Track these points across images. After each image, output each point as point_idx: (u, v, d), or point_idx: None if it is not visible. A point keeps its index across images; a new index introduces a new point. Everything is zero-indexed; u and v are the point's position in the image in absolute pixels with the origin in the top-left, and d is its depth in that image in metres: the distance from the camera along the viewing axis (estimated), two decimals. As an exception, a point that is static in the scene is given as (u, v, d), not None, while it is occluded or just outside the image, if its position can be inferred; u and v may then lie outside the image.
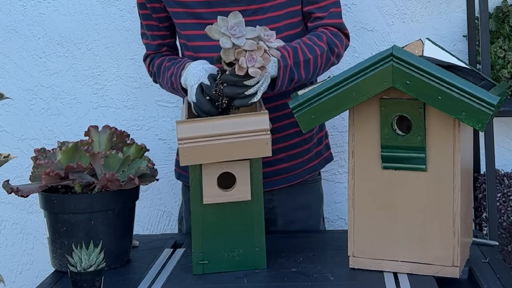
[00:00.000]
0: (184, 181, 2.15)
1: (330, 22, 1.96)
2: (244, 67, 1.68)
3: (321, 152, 2.13)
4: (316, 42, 1.91)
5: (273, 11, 1.92)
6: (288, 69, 1.84)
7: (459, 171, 1.64)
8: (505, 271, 1.74)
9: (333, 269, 1.76)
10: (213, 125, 1.69)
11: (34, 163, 1.80)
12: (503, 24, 2.42)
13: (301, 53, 1.87)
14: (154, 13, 2.01)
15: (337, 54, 1.96)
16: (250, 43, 1.67)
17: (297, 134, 2.02)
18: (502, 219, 2.27)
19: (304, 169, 2.07)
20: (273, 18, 1.92)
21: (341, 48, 1.96)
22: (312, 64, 1.89)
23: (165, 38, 2.06)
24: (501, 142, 2.49)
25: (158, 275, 1.78)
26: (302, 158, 2.06)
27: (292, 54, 1.85)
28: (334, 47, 1.94)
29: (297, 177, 2.07)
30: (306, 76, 1.89)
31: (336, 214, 2.56)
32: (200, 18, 1.93)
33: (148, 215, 2.61)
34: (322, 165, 2.14)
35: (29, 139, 2.59)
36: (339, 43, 1.95)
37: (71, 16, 2.55)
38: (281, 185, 2.04)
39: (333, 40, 1.94)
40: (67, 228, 1.77)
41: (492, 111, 1.53)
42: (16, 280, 2.65)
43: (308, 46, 1.89)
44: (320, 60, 1.90)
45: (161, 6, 1.99)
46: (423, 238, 1.68)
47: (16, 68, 2.58)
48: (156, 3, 1.99)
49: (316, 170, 2.12)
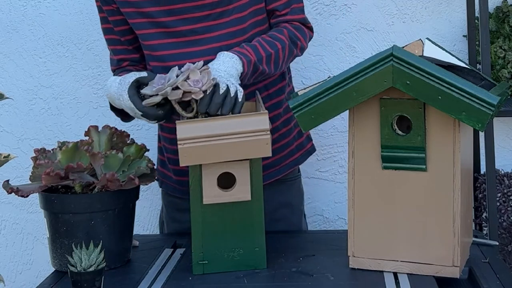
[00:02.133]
0: (166, 189, 2.15)
1: (293, 17, 1.98)
2: (197, 90, 1.70)
3: (303, 144, 2.12)
4: (277, 37, 1.93)
5: (238, 12, 1.92)
6: (252, 64, 1.85)
7: (459, 171, 1.64)
8: (505, 271, 1.74)
9: (333, 269, 1.76)
10: (213, 125, 1.69)
11: (34, 163, 1.80)
12: (503, 24, 2.42)
13: (261, 49, 1.88)
14: (116, 26, 1.99)
15: (300, 47, 1.99)
16: (176, 92, 1.71)
17: (274, 130, 2.01)
18: (502, 219, 2.28)
19: (285, 163, 2.07)
20: (238, 20, 1.92)
21: (304, 41, 1.99)
22: (273, 58, 1.90)
23: (128, 53, 2.03)
24: (501, 142, 2.49)
25: (158, 275, 1.78)
26: (282, 152, 2.06)
27: (253, 51, 1.86)
28: (296, 40, 1.96)
29: (279, 172, 2.07)
30: (269, 69, 1.90)
31: (336, 214, 2.56)
32: (165, 26, 1.92)
33: (148, 215, 2.62)
34: (305, 157, 2.13)
35: (29, 139, 2.60)
36: (301, 36, 1.98)
37: (71, 16, 2.55)
38: (264, 182, 2.00)
39: (295, 34, 1.96)
40: (67, 228, 1.77)
41: (492, 111, 1.53)
42: (16, 280, 2.66)
43: (269, 42, 1.91)
44: (282, 53, 1.92)
45: (123, 18, 1.97)
46: (423, 238, 1.68)
47: (16, 68, 2.58)
48: (118, 15, 1.97)
49: (298, 163, 2.12)
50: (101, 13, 2.01)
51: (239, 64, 1.82)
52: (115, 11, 1.97)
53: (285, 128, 2.06)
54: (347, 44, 2.50)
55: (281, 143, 2.06)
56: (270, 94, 2.01)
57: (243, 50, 1.86)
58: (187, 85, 1.70)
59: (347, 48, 2.50)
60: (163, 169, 2.13)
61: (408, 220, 1.68)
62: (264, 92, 2.00)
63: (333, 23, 2.49)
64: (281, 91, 2.04)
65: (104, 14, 2.00)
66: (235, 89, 1.74)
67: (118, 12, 1.96)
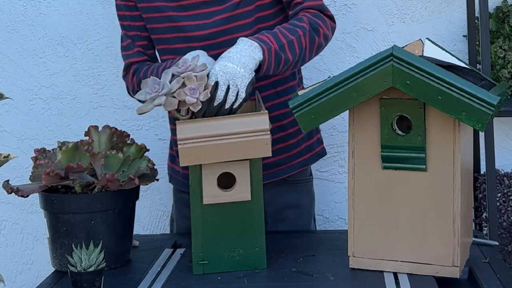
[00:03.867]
0: (175, 184, 2.15)
1: (310, 4, 1.94)
2: (194, 101, 1.68)
3: (312, 146, 2.11)
4: (297, 24, 1.89)
5: (243, 7, 1.92)
6: (273, 52, 1.81)
7: (459, 171, 1.64)
8: (505, 271, 1.74)
9: (333, 269, 1.76)
10: (213, 125, 1.69)
11: (34, 163, 1.80)
12: (503, 24, 2.42)
13: (282, 36, 1.85)
14: (133, 21, 2.02)
15: (324, 35, 1.93)
16: (176, 81, 1.69)
17: (279, 129, 2.01)
18: (502, 219, 2.28)
19: (292, 163, 2.07)
20: (244, 14, 1.92)
21: (326, 28, 1.93)
22: (296, 44, 1.86)
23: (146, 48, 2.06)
24: (501, 142, 2.49)
25: (158, 275, 1.78)
26: (289, 152, 2.05)
27: (274, 38, 1.83)
28: (317, 27, 1.91)
29: (285, 172, 2.06)
30: (293, 57, 1.86)
31: (336, 214, 2.56)
32: (174, 21, 1.94)
33: (148, 215, 2.62)
34: (314, 159, 2.12)
35: (29, 139, 2.60)
36: (322, 23, 1.92)
37: (71, 16, 2.55)
38: (267, 180, 1.98)
39: (315, 20, 1.91)
40: (67, 228, 1.77)
41: (492, 111, 1.53)
42: (16, 280, 2.65)
43: (289, 29, 1.87)
44: (304, 40, 1.88)
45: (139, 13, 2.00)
46: (423, 238, 1.68)
47: (16, 68, 2.58)
48: (136, 10, 2.00)
49: (307, 165, 2.11)
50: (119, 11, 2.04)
51: (258, 51, 1.79)
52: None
53: (293, 129, 2.04)
54: (347, 44, 2.50)
55: (288, 143, 2.05)
56: (278, 92, 2.01)
57: (263, 37, 1.82)
58: (183, 94, 1.68)
59: (347, 48, 2.50)
60: (172, 164, 2.13)
61: (408, 220, 1.68)
62: (272, 90, 2.00)
63: (333, 23, 2.49)
64: (291, 90, 2.02)
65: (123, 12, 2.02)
66: (236, 90, 1.74)
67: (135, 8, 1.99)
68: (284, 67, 1.86)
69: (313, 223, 2.18)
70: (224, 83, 1.72)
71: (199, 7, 1.93)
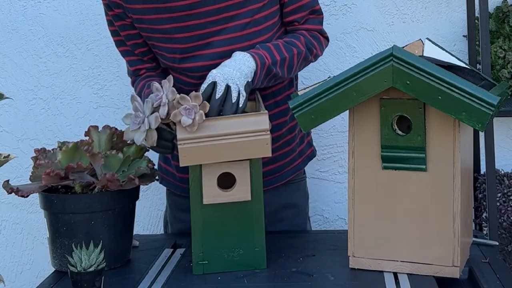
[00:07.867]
0: (167, 186, 2.15)
1: (311, 27, 2.00)
2: (190, 123, 1.67)
3: (304, 150, 2.13)
4: (293, 42, 1.94)
5: (239, 19, 1.91)
6: (265, 67, 1.85)
7: (459, 171, 1.64)
8: (505, 271, 1.75)
9: (333, 269, 1.76)
10: (213, 125, 1.69)
11: (34, 163, 1.80)
12: (503, 24, 2.42)
13: (276, 52, 1.88)
14: (128, 40, 2.01)
15: (315, 55, 2.01)
16: (154, 117, 1.70)
17: (279, 137, 2.02)
18: (502, 219, 2.28)
19: (288, 169, 2.08)
20: (239, 26, 1.91)
21: (319, 49, 2.01)
22: (287, 62, 1.91)
23: (142, 63, 2.05)
24: (501, 142, 2.49)
25: (158, 275, 1.78)
26: (285, 159, 2.06)
27: (268, 54, 1.87)
28: (312, 48, 1.98)
29: (282, 178, 2.07)
30: (282, 73, 1.91)
31: (336, 214, 2.56)
32: (178, 43, 1.92)
33: (148, 215, 2.62)
34: (305, 163, 2.14)
35: (29, 139, 2.60)
36: (317, 45, 2.00)
37: (71, 16, 2.55)
38: (266, 187, 1.98)
39: (312, 41, 1.98)
40: (67, 228, 1.77)
41: (492, 111, 1.53)
42: (16, 280, 2.66)
43: (285, 46, 1.91)
44: (297, 59, 1.93)
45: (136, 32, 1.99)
46: (423, 238, 1.68)
47: (16, 68, 2.58)
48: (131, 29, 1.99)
49: (300, 169, 2.13)
50: (111, 27, 2.02)
51: (252, 63, 1.82)
52: (127, 25, 1.97)
53: (290, 136, 2.06)
54: (347, 44, 2.50)
55: (285, 150, 2.06)
56: (277, 101, 2.01)
57: (259, 51, 1.86)
58: (179, 114, 1.67)
59: (347, 48, 2.50)
60: (165, 165, 2.13)
61: (408, 220, 1.68)
62: (272, 100, 2.00)
63: (333, 23, 2.49)
64: (289, 98, 2.03)
65: (114, 27, 2.01)
66: (237, 91, 1.74)
67: (131, 26, 1.97)
68: (272, 81, 1.91)
69: (308, 222, 2.19)
70: (222, 81, 1.73)
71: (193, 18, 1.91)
